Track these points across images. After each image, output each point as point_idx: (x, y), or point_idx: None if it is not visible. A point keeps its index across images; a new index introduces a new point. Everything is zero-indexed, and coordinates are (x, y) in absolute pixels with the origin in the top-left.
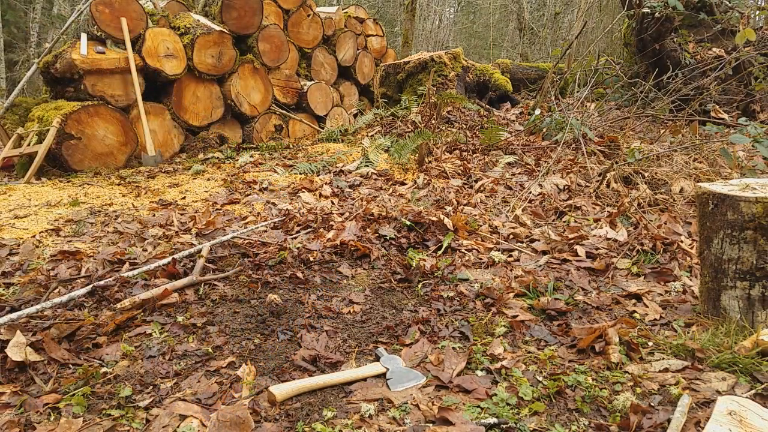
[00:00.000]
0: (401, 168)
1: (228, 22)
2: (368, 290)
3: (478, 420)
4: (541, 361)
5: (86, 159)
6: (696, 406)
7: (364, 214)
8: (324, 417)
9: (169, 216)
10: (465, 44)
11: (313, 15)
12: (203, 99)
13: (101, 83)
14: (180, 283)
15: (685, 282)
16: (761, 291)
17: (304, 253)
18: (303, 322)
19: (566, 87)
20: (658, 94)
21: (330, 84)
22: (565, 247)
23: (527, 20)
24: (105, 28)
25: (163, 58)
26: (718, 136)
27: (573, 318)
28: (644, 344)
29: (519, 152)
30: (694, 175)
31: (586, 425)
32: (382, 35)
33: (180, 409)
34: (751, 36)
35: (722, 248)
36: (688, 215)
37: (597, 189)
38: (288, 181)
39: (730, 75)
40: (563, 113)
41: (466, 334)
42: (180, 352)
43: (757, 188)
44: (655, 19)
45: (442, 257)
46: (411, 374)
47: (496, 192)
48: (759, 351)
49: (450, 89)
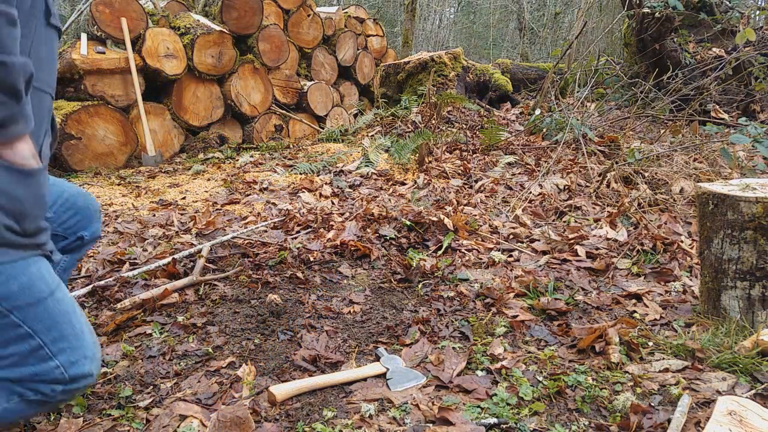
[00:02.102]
0: (401, 168)
1: (228, 22)
2: (368, 290)
3: (478, 420)
4: (541, 361)
5: (86, 159)
6: (696, 406)
7: (364, 214)
8: (324, 417)
9: (169, 216)
10: (465, 44)
11: (313, 15)
12: (203, 99)
13: (101, 83)
14: (180, 283)
15: (685, 282)
16: (761, 291)
17: (304, 253)
18: (303, 322)
19: (566, 87)
20: (658, 94)
21: (330, 84)
22: (565, 247)
23: (527, 20)
24: (105, 28)
25: (163, 58)
26: (718, 136)
27: (573, 318)
28: (644, 344)
29: (519, 152)
30: (694, 175)
31: (586, 425)
32: (382, 35)
33: (180, 409)
34: (751, 36)
35: (722, 248)
36: (688, 215)
37: (597, 189)
38: (288, 181)
39: (730, 75)
40: (563, 113)
41: (466, 334)
42: (180, 352)
43: (757, 188)
44: (655, 19)
45: (442, 257)
46: (411, 374)
47: (496, 192)
48: (759, 351)
49: (450, 89)
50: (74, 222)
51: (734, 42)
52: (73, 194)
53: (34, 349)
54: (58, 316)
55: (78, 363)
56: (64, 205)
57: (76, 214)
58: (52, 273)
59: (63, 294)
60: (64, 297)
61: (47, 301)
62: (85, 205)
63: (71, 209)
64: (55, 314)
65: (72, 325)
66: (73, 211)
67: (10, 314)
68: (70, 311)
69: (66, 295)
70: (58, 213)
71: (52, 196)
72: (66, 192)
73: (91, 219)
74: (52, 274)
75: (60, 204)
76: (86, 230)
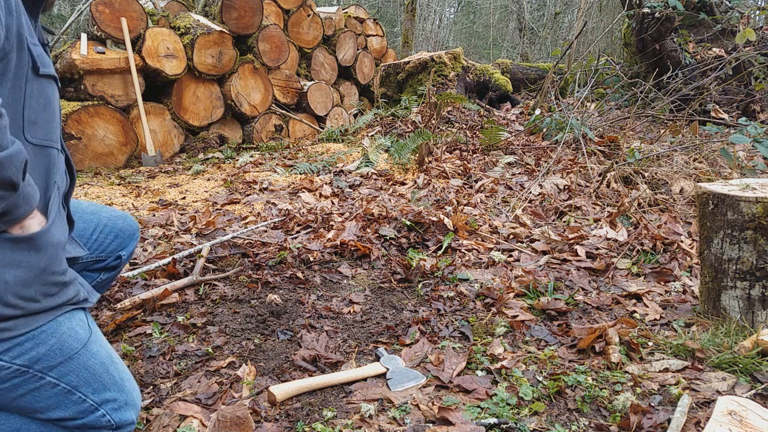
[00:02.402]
0: (401, 168)
1: (228, 22)
2: (368, 290)
3: (478, 420)
4: (541, 361)
5: (86, 159)
6: (696, 406)
7: (364, 214)
8: (324, 417)
9: (169, 216)
10: (465, 44)
11: (313, 15)
12: (203, 99)
13: (101, 83)
14: (180, 283)
15: (685, 282)
16: (761, 291)
17: (304, 253)
18: (303, 322)
19: (566, 87)
20: (658, 94)
21: (330, 84)
22: (565, 247)
23: (527, 20)
24: (105, 28)
25: (163, 58)
26: (718, 136)
27: (573, 318)
28: (644, 344)
29: (519, 152)
30: (694, 175)
31: (586, 425)
32: (382, 35)
33: (180, 409)
34: (751, 36)
35: (722, 248)
36: (688, 215)
37: (597, 189)
38: (288, 181)
39: (730, 75)
40: (563, 113)
41: (466, 334)
42: (180, 352)
43: (757, 188)
44: (655, 19)
45: (442, 257)
46: (411, 374)
47: (496, 192)
48: (759, 351)
49: (450, 89)
50: (115, 245)
51: (734, 42)
52: (112, 218)
53: (77, 402)
54: (95, 367)
55: (121, 410)
56: (104, 231)
57: (116, 237)
58: (85, 325)
59: (97, 345)
60: (99, 349)
61: (80, 355)
62: (124, 227)
63: (111, 233)
64: (92, 366)
65: (111, 374)
66: (113, 235)
67: (46, 375)
68: (106, 362)
69: (101, 345)
70: (98, 240)
71: (89, 226)
72: (104, 218)
73: (130, 239)
74: (84, 326)
75: (99, 231)
76: (125, 250)
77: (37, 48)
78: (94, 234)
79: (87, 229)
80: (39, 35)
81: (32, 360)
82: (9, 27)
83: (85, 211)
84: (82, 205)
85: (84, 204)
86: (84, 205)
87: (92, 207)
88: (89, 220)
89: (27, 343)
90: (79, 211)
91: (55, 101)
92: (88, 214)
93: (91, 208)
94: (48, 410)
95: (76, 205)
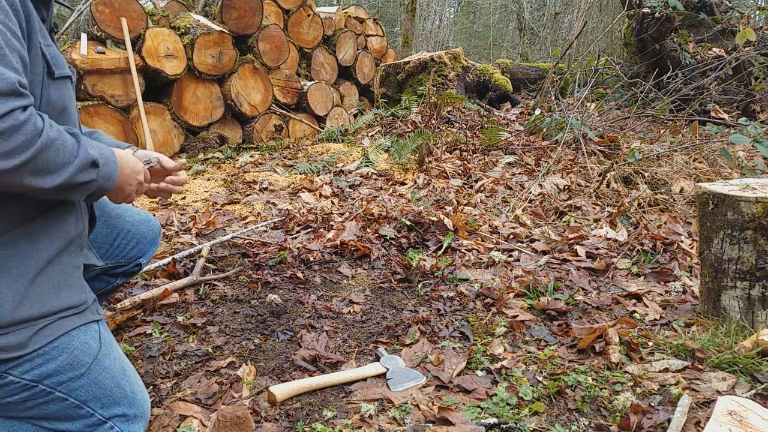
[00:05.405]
0: (401, 168)
1: (228, 22)
2: (368, 290)
3: (478, 420)
4: (541, 361)
5: None
6: (696, 406)
7: (364, 214)
8: (324, 417)
9: (169, 216)
10: (465, 44)
11: (313, 15)
12: (203, 99)
13: (101, 83)
14: (180, 283)
15: (685, 282)
16: (761, 291)
17: (304, 253)
18: (303, 322)
19: (566, 87)
20: (658, 94)
21: (330, 84)
22: (565, 247)
23: (527, 20)
24: (105, 28)
25: (163, 58)
26: (718, 136)
27: (573, 318)
28: (644, 344)
29: (519, 152)
30: (694, 175)
31: (586, 425)
32: (382, 35)
33: (180, 409)
34: (751, 36)
35: (722, 248)
36: (688, 215)
37: (597, 189)
38: (288, 181)
39: (730, 75)
40: (563, 113)
41: (466, 334)
42: (180, 352)
43: (757, 188)
44: (655, 19)
45: (442, 257)
46: (411, 374)
47: (496, 192)
48: (759, 351)
49: (450, 89)
50: (136, 251)
51: (734, 42)
52: (135, 223)
53: (86, 416)
54: (106, 381)
55: (130, 422)
56: (126, 237)
57: (138, 243)
58: (97, 338)
59: (111, 359)
60: (112, 362)
61: (92, 370)
62: (146, 233)
63: (133, 239)
64: (102, 381)
65: (122, 389)
66: (135, 241)
67: (55, 390)
68: (118, 375)
69: (114, 358)
70: (120, 246)
71: (112, 232)
72: (128, 223)
73: (151, 245)
74: (96, 340)
75: (122, 238)
76: (144, 257)
77: (50, 49)
78: (117, 240)
79: (110, 235)
80: (49, 25)
81: (42, 375)
82: (23, 59)
83: (110, 215)
84: (108, 206)
85: (110, 206)
86: (110, 207)
87: (117, 210)
88: (113, 225)
89: (37, 359)
90: (105, 214)
91: (71, 103)
92: (112, 218)
93: (116, 211)
94: (56, 421)
95: (103, 204)
